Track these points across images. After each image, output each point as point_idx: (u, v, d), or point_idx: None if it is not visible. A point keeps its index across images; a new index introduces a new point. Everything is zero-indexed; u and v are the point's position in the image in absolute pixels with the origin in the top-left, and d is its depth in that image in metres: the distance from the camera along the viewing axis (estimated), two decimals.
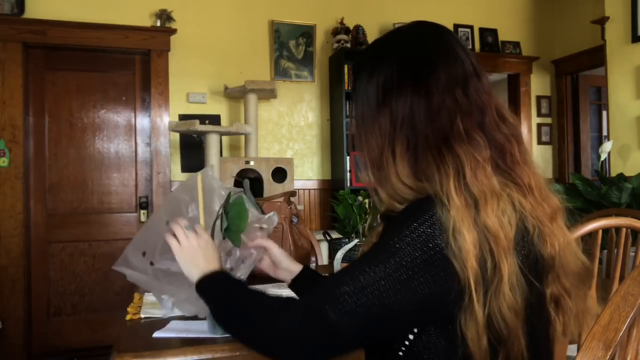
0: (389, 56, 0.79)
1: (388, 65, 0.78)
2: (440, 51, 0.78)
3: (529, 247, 0.70)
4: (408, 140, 0.75)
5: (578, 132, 4.52)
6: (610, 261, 2.00)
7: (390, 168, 0.75)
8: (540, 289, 0.71)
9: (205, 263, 0.93)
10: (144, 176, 3.56)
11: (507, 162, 0.74)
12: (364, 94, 0.80)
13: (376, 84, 0.78)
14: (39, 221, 3.34)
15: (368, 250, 0.73)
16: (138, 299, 1.46)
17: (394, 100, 0.76)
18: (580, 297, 0.77)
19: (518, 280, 0.67)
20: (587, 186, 3.29)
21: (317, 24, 3.92)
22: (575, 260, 0.75)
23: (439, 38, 0.80)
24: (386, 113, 0.77)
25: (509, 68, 4.45)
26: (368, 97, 0.80)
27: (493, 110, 0.76)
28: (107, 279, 3.44)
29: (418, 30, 0.82)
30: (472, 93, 0.76)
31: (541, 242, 0.71)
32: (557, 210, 0.76)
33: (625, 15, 3.53)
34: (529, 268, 0.69)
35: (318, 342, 0.68)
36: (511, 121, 0.78)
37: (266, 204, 1.87)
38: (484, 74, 0.80)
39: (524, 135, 4.50)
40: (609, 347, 0.71)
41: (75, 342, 3.34)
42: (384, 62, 0.79)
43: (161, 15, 3.47)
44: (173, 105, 3.55)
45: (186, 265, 0.95)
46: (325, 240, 2.74)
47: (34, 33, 3.23)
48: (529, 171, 0.75)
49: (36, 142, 3.36)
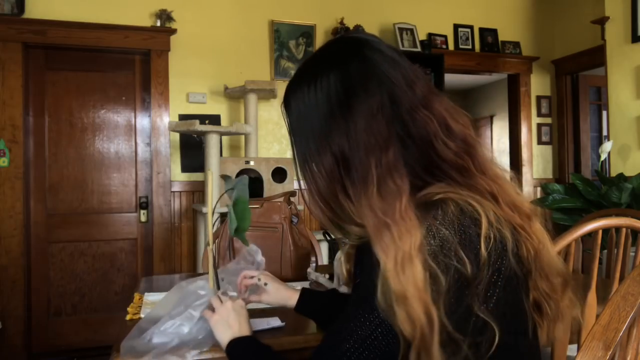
0: (311, 87, 0.75)
1: (312, 96, 0.75)
2: (360, 75, 0.73)
3: (502, 259, 0.67)
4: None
5: (578, 132, 4.52)
6: (610, 261, 2.00)
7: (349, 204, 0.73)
8: (520, 299, 0.70)
9: (238, 327, 0.96)
10: (144, 176, 3.56)
11: (465, 177, 0.71)
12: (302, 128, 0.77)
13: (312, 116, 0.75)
14: (39, 221, 3.34)
15: (355, 295, 0.71)
16: (138, 299, 1.46)
17: (331, 137, 0.73)
18: (560, 300, 0.75)
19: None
20: (587, 186, 3.29)
21: (317, 24, 3.92)
22: (552, 264, 0.73)
23: (361, 58, 0.75)
24: (327, 151, 0.74)
25: (509, 68, 4.45)
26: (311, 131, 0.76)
27: (436, 127, 0.72)
28: (107, 279, 3.44)
29: (338, 52, 0.77)
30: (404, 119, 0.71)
31: (518, 249, 0.69)
32: (529, 214, 0.73)
33: (625, 15, 3.53)
34: (506, 281, 0.67)
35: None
36: (457, 130, 0.73)
37: (266, 204, 1.87)
38: (420, 77, 0.76)
39: (524, 135, 4.50)
40: (609, 347, 0.71)
41: (75, 342, 3.34)
42: (308, 93, 0.75)
43: (161, 15, 3.47)
44: (173, 105, 3.55)
45: (220, 327, 0.97)
46: (325, 240, 2.74)
47: (34, 33, 3.23)
48: (488, 180, 0.71)
49: (36, 142, 3.36)
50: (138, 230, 3.53)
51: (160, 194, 3.50)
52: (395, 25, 4.03)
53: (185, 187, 3.60)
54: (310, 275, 1.71)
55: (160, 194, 3.50)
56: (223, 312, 0.98)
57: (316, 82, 0.75)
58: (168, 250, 3.50)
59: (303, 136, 0.77)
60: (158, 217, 3.49)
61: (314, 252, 2.10)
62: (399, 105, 0.72)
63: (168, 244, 3.50)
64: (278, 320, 1.23)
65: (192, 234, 3.59)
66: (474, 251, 0.64)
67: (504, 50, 4.42)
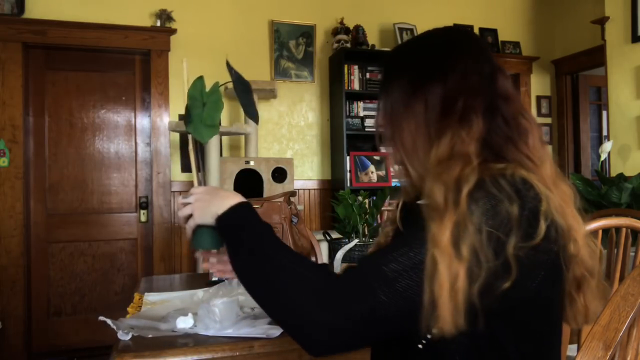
0: (417, 53, 0.83)
1: (417, 61, 0.82)
2: (471, 48, 0.81)
3: (556, 243, 0.69)
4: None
5: (578, 132, 4.52)
6: (610, 261, 2.00)
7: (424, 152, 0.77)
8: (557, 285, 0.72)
9: (221, 200, 0.84)
10: (144, 176, 3.56)
11: (534, 163, 0.74)
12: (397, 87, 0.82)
13: (408, 77, 0.81)
14: (39, 221, 3.34)
15: (406, 233, 0.72)
16: (138, 299, 1.46)
17: (424, 90, 0.78)
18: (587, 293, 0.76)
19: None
20: (587, 186, 3.29)
21: (317, 24, 3.92)
22: (588, 253, 0.74)
23: (469, 39, 0.83)
24: (420, 101, 0.79)
25: (509, 68, 4.45)
26: (400, 89, 0.81)
27: (519, 114, 0.78)
28: (107, 279, 3.44)
29: (448, 33, 0.85)
30: (500, 84, 0.78)
31: (565, 241, 0.70)
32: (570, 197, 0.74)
33: (625, 15, 3.53)
34: (551, 265, 0.69)
35: (361, 318, 0.64)
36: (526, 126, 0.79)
37: (266, 204, 1.87)
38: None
39: None
40: (609, 347, 0.71)
41: (75, 342, 3.34)
42: (414, 58, 0.82)
43: (161, 15, 3.47)
44: (173, 105, 3.55)
45: (203, 212, 0.86)
46: (325, 240, 2.74)
47: (34, 33, 3.23)
48: (549, 171, 0.75)
49: (36, 142, 3.36)
50: (138, 230, 3.53)
51: (160, 194, 3.50)
52: (395, 25, 4.03)
53: (186, 187, 3.60)
54: None
55: (160, 194, 3.50)
56: (201, 199, 0.87)
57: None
58: (168, 250, 3.50)
59: (403, 78, 0.82)
60: (158, 217, 3.49)
61: (314, 252, 2.10)
62: (496, 84, 0.78)
63: (168, 244, 3.50)
64: (278, 330, 1.06)
65: None
66: (532, 227, 0.66)
67: (504, 50, 4.42)
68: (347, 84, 3.76)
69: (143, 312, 1.29)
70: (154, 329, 1.11)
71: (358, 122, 3.85)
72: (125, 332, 1.06)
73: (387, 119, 0.83)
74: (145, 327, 1.11)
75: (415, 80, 0.79)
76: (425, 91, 0.78)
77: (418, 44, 0.85)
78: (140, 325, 1.12)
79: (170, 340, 1.07)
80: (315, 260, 2.12)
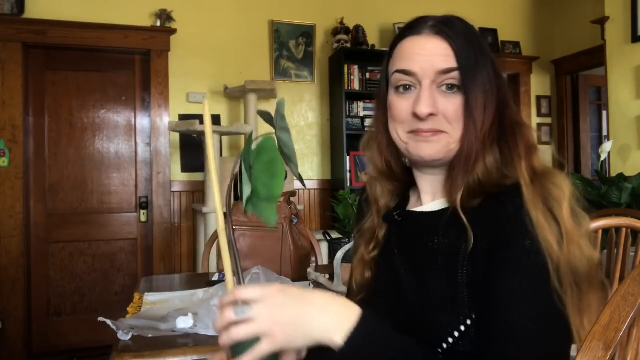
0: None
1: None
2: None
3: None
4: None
5: (578, 132, 4.52)
6: (610, 261, 2.00)
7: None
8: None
9: (315, 308, 0.58)
10: (144, 176, 3.56)
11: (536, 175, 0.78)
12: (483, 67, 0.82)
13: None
14: (39, 221, 3.34)
15: (518, 266, 0.66)
16: (138, 299, 1.46)
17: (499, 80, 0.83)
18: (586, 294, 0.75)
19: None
20: (587, 186, 3.29)
21: (317, 24, 3.92)
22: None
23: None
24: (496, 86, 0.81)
25: (509, 68, 4.45)
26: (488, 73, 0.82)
27: (520, 120, 0.84)
28: (107, 279, 3.44)
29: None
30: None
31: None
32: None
33: (625, 15, 3.53)
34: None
35: None
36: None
37: None
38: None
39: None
40: (609, 347, 0.71)
41: (75, 342, 3.34)
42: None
43: (161, 15, 3.47)
44: (173, 105, 3.55)
45: (290, 332, 0.57)
46: (325, 240, 2.74)
47: (34, 33, 3.23)
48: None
49: (36, 142, 3.36)
50: (138, 230, 3.53)
51: (160, 194, 3.50)
52: (395, 25, 4.03)
53: (185, 187, 3.60)
54: (310, 276, 1.71)
55: (160, 194, 3.50)
56: (275, 294, 0.58)
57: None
58: (168, 250, 3.50)
59: (488, 58, 0.85)
60: (158, 217, 3.49)
61: (313, 252, 2.10)
62: (505, 91, 0.82)
63: (168, 244, 3.50)
64: None
65: (192, 234, 3.59)
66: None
67: (504, 50, 4.42)
68: (347, 84, 3.76)
69: (143, 312, 1.29)
70: (154, 329, 1.11)
71: (358, 122, 3.85)
72: (125, 332, 1.07)
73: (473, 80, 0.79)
74: (145, 327, 1.11)
75: (497, 67, 0.83)
76: (499, 81, 0.82)
77: (476, 33, 0.88)
78: (140, 325, 1.12)
79: (170, 340, 1.07)
80: (316, 261, 2.12)
